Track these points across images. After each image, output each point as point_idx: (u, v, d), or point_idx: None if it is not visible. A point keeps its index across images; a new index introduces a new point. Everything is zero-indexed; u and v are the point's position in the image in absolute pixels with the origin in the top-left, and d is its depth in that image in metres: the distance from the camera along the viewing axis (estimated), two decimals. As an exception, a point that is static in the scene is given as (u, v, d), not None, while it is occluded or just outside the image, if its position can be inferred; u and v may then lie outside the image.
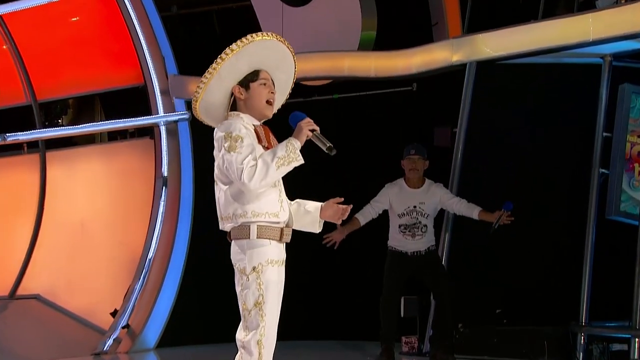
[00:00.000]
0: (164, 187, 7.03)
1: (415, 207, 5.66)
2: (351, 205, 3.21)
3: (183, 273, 6.92)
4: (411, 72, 6.32)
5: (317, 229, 3.25)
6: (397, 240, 5.69)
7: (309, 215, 3.21)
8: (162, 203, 7.03)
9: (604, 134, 5.73)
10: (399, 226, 5.67)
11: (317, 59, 6.56)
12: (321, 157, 3.25)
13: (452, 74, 6.26)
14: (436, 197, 5.68)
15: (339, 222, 3.24)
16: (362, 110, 7.08)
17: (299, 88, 6.55)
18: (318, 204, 3.24)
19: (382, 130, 6.98)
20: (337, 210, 3.20)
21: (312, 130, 3.04)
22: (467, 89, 6.06)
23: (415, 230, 5.64)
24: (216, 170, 3.10)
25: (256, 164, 2.95)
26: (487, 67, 6.00)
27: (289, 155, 2.98)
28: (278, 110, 3.32)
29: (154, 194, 7.09)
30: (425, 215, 5.67)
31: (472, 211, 5.54)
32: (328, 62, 6.59)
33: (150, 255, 6.93)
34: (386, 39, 6.75)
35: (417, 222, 5.65)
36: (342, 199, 3.20)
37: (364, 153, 6.83)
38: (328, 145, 3.01)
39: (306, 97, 6.90)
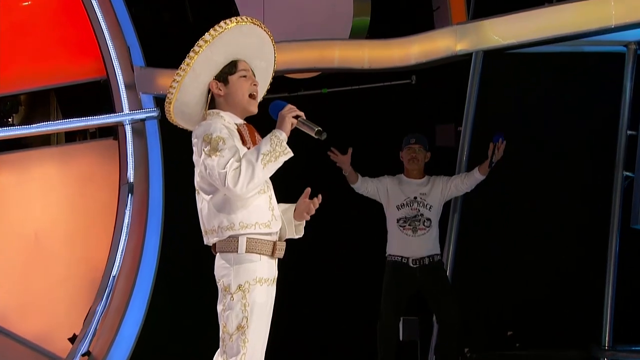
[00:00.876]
0: (129, 195, 7.00)
1: (415, 197, 5.68)
2: (320, 196, 3.20)
3: (152, 293, 6.88)
4: (410, 63, 6.32)
5: (293, 233, 3.25)
6: (396, 242, 5.63)
7: (285, 218, 3.19)
8: (127, 213, 6.99)
9: (628, 132, 5.73)
10: (398, 220, 5.64)
11: (303, 48, 6.55)
12: (310, 159, 3.23)
13: (455, 65, 6.27)
14: (438, 187, 5.71)
15: (307, 217, 3.22)
16: (355, 106, 7.07)
17: (283, 81, 6.56)
18: (292, 205, 3.24)
19: (378, 129, 6.96)
20: (307, 204, 3.19)
21: (297, 117, 3.04)
22: (472, 82, 6.07)
23: (417, 223, 5.61)
24: (197, 178, 3.09)
25: (240, 165, 2.94)
26: (496, 57, 6.00)
27: (275, 149, 2.97)
28: (259, 105, 3.31)
29: (119, 202, 7.05)
30: (428, 207, 5.66)
31: (474, 175, 5.63)
32: (316, 52, 6.57)
33: (114, 272, 6.88)
34: (381, 25, 6.75)
35: (418, 213, 5.64)
36: (309, 190, 3.19)
37: (357, 154, 6.77)
38: (317, 129, 3.01)
39: (291, 91, 6.90)
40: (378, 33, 6.65)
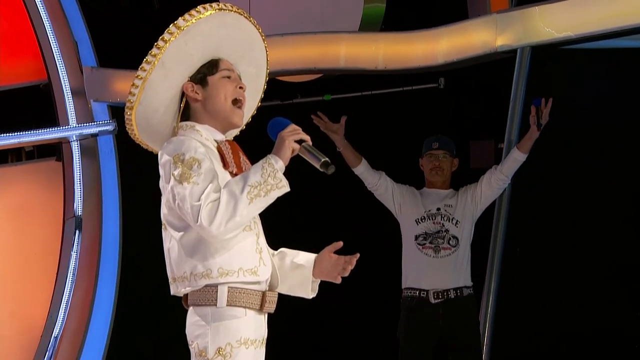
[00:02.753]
0: (77, 232, 7.02)
1: (439, 209, 5.72)
2: (357, 255, 3.22)
3: (105, 358, 6.87)
4: (436, 62, 6.35)
5: (309, 292, 3.28)
6: (413, 269, 5.64)
7: (298, 272, 3.23)
8: (73, 255, 7.00)
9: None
10: (416, 238, 5.67)
11: (300, 43, 6.59)
12: (311, 182, 3.24)
13: (495, 65, 6.27)
14: (468, 197, 5.74)
15: (338, 280, 3.25)
16: (366, 117, 7.05)
17: (275, 86, 6.55)
18: (311, 257, 3.25)
19: (396, 146, 6.95)
20: (336, 262, 3.21)
21: (300, 142, 3.04)
22: (517, 86, 6.08)
23: (440, 241, 5.63)
24: (164, 210, 3.09)
25: (219, 197, 2.93)
26: (547, 55, 6.01)
27: (267, 181, 2.97)
28: (248, 122, 3.33)
29: (62, 241, 7.07)
30: (454, 222, 5.68)
31: (512, 156, 5.65)
32: (316, 49, 6.61)
33: (56, 332, 6.89)
34: (400, 14, 6.75)
35: (442, 229, 5.67)
36: (341, 245, 3.20)
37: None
38: (323, 160, 3.02)
39: (285, 98, 6.95)
40: (396, 24, 6.66)
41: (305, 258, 3.28)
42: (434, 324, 5.55)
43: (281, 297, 3.25)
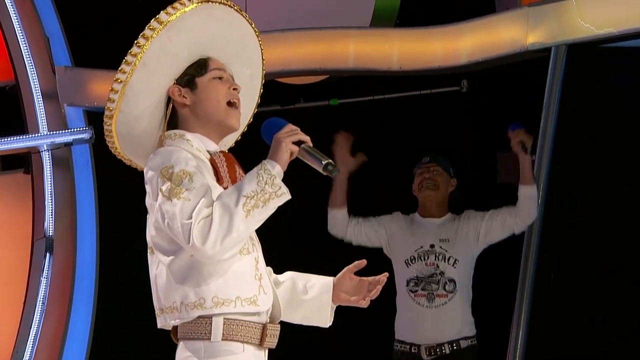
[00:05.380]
0: (47, 254, 7.02)
1: (432, 246, 5.69)
2: (386, 274, 3.28)
3: (79, 400, 6.88)
4: (459, 62, 6.36)
5: (327, 321, 3.32)
6: (405, 319, 5.65)
7: (315, 298, 3.26)
8: (43, 281, 7.00)
9: None
10: (407, 283, 5.66)
11: (304, 40, 6.60)
12: (314, 189, 3.25)
13: (526, 65, 6.28)
14: (469, 228, 5.72)
15: (366, 303, 3.29)
16: (377, 124, 7.07)
17: (275, 88, 6.56)
18: (328, 280, 3.29)
19: (411, 158, 6.93)
20: (359, 284, 3.25)
21: (299, 144, 3.06)
22: (551, 89, 6.08)
23: (434, 286, 5.61)
24: (151, 231, 3.10)
25: (212, 213, 2.93)
26: (585, 54, 6.02)
27: (264, 189, 2.97)
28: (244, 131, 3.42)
29: (31, 265, 7.06)
30: (451, 261, 5.66)
31: (521, 194, 5.63)
32: (322, 47, 6.62)
33: (23, 367, 6.88)
34: (417, 8, 6.76)
35: (435, 272, 5.64)
36: (364, 264, 3.24)
37: (382, 191, 6.80)
38: (325, 162, 3.05)
39: (286, 103, 6.96)
40: (413, 19, 6.67)
41: (322, 282, 3.31)
42: None
43: (283, 330, 3.24)
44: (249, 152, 3.50)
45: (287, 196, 3.01)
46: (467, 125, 6.93)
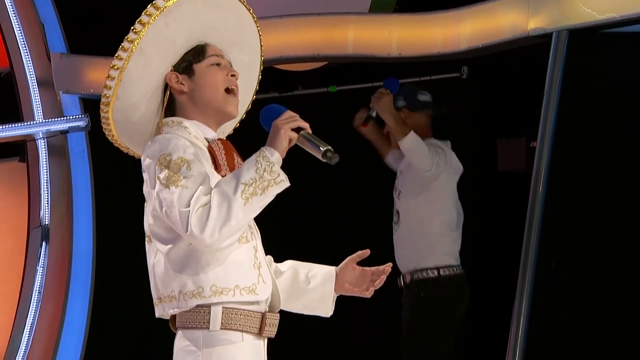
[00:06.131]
0: (43, 243, 7.02)
1: (398, 177, 6.09)
2: (390, 264, 3.28)
3: (76, 390, 6.88)
4: (459, 48, 6.35)
5: (329, 310, 3.33)
6: None
7: (317, 287, 3.27)
8: (39, 270, 7.00)
9: None
10: None
11: (302, 27, 6.59)
12: (314, 176, 3.24)
13: (527, 51, 6.28)
14: None
15: (369, 293, 3.31)
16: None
17: (272, 75, 6.55)
18: (330, 270, 3.30)
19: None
20: (362, 274, 3.26)
21: (298, 130, 3.07)
22: (552, 75, 6.06)
23: (394, 217, 6.01)
24: (149, 220, 3.10)
25: (210, 201, 2.94)
26: (586, 40, 6.01)
27: (263, 176, 2.98)
28: (242, 118, 3.43)
29: (27, 255, 7.06)
30: (396, 193, 6.08)
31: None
32: (320, 33, 6.61)
33: (18, 360, 6.89)
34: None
35: (395, 202, 6.02)
36: (368, 253, 3.25)
37: (383, 181, 6.79)
38: (325, 149, 3.06)
39: (284, 90, 6.97)
40: (412, 4, 6.67)
41: (323, 271, 3.32)
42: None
43: (282, 319, 3.24)
44: (247, 139, 3.49)
45: (286, 183, 3.01)
46: (467, 111, 6.93)
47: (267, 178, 2.97)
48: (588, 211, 5.92)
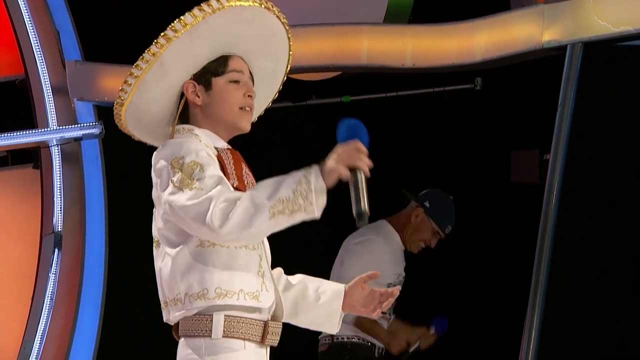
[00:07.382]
0: (56, 250, 7.02)
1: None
2: (398, 288, 3.27)
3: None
4: (473, 59, 6.35)
5: (335, 327, 3.31)
6: None
7: (326, 304, 3.25)
8: (52, 277, 7.00)
9: None
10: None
11: (315, 37, 6.59)
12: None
13: (541, 63, 6.29)
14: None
15: (377, 314, 3.30)
16: (390, 122, 7.07)
17: (287, 85, 6.51)
18: (340, 287, 3.28)
19: (424, 157, 6.95)
20: (371, 295, 3.26)
21: (354, 169, 2.97)
22: (566, 87, 6.05)
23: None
24: (159, 224, 3.10)
25: (236, 200, 2.92)
26: (601, 53, 6.01)
27: (297, 199, 2.91)
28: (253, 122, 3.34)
29: (39, 261, 7.05)
30: None
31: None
32: (334, 43, 6.61)
33: (30, 368, 6.88)
34: (432, 4, 6.77)
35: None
36: (378, 275, 3.25)
37: (392, 192, 6.78)
38: (361, 210, 2.95)
39: (297, 100, 6.94)
40: (427, 15, 6.68)
41: (333, 289, 3.30)
42: None
43: (284, 328, 3.25)
44: (255, 149, 3.51)
45: (315, 215, 2.92)
46: (480, 123, 6.91)
47: (299, 203, 2.90)
48: (601, 224, 5.92)
